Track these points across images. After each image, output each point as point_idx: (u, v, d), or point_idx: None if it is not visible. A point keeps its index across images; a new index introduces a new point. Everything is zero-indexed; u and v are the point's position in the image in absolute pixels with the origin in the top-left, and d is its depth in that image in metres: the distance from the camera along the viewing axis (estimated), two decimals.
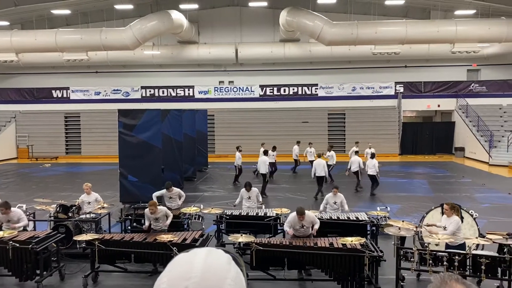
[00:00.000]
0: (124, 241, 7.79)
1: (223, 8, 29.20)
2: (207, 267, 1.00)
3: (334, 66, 28.61)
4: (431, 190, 16.26)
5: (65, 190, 16.25)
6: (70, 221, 9.25)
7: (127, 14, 27.00)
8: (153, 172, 13.35)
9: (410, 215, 11.72)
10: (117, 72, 29.81)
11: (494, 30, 21.74)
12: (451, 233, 7.09)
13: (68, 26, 27.90)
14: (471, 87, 27.50)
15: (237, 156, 17.67)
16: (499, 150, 23.33)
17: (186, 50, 28.54)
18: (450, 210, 7.26)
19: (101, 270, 7.86)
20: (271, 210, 9.79)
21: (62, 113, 28.89)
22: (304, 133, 26.38)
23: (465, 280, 1.24)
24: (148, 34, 23.25)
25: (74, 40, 23.73)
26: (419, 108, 28.23)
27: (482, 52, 26.26)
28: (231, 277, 1.01)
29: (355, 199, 14.19)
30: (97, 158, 26.78)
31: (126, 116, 13.57)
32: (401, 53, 23.78)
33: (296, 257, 7.32)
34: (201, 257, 1.03)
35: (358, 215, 9.49)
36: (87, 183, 10.37)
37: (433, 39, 22.85)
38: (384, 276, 7.54)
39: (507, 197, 14.83)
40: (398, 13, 26.97)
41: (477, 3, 22.51)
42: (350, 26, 22.28)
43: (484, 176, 19.64)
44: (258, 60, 28.72)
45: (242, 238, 7.53)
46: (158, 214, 8.41)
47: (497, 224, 10.76)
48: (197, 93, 28.80)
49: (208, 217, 10.26)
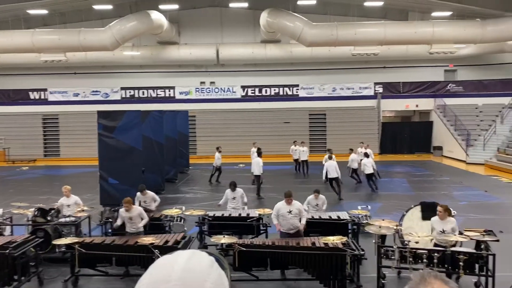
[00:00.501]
0: (105, 244, 7.69)
1: (204, 9, 29.10)
2: (187, 270, 1.00)
3: (314, 67, 28.82)
4: (411, 189, 16.53)
5: (43, 193, 15.95)
6: (49, 225, 9.08)
7: (106, 14, 26.65)
8: (134, 174, 13.22)
9: (391, 213, 11.89)
10: (96, 73, 29.40)
11: (469, 31, 22.23)
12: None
13: (45, 27, 27.38)
14: (448, 87, 28.06)
15: (216, 156, 17.84)
16: (476, 149, 23.85)
17: (166, 50, 28.35)
18: (445, 212, 7.26)
19: (81, 274, 7.75)
20: (253, 211, 9.80)
21: (39, 115, 28.35)
22: (285, 133, 26.53)
23: (444, 276, 1.27)
24: (127, 35, 23.00)
25: (52, 40, 23.30)
26: (398, 108, 28.67)
27: (458, 53, 26.83)
28: (211, 280, 1.00)
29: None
30: (76, 161, 26.36)
31: (106, 118, 13.41)
32: (380, 54, 24.10)
33: (279, 257, 7.35)
34: (183, 260, 1.03)
35: (339, 214, 9.59)
36: (66, 185, 10.20)
37: (411, 40, 23.24)
38: (366, 274, 7.63)
39: (484, 195, 15.18)
40: (376, 15, 27.32)
41: (452, 5, 22.95)
42: (330, 28, 22.47)
43: (462, 174, 20.06)
44: (239, 61, 28.72)
45: (225, 239, 7.52)
46: (132, 213, 8.26)
47: (475, 221, 11.01)
48: (178, 94, 28.63)
49: (190, 218, 10.20)
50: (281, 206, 8.10)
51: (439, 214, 7.32)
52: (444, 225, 7.25)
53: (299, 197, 10.42)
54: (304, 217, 8.15)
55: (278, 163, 22.33)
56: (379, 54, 23.93)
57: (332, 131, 27.41)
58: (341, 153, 18.55)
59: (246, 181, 16.80)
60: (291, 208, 7.96)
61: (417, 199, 10.93)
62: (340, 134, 26.75)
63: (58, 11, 26.28)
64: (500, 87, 26.92)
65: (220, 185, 17.11)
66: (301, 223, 8.10)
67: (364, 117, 27.65)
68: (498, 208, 13.32)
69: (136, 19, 22.79)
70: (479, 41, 23.08)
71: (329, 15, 24.94)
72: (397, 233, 7.84)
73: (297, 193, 9.03)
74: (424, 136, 28.55)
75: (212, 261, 1.06)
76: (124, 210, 8.24)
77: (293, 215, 8.00)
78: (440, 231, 7.22)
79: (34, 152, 27.89)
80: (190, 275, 1.00)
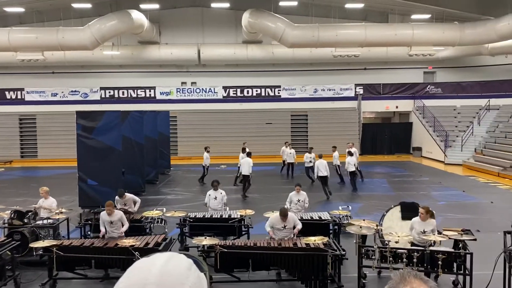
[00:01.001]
0: (84, 247, 7.56)
1: (185, 9, 28.94)
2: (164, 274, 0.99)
3: (296, 68, 28.96)
4: (391, 189, 16.74)
5: (20, 195, 15.60)
6: (26, 228, 8.89)
7: (85, 13, 26.24)
8: (114, 175, 13.09)
9: (371, 213, 12.01)
10: (75, 73, 28.94)
11: (448, 34, 22.64)
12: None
13: (22, 25, 26.84)
14: (427, 89, 28.53)
15: (205, 156, 17.80)
16: (454, 150, 24.30)
17: (147, 50, 28.09)
18: (426, 214, 7.37)
19: (59, 277, 7.61)
20: (235, 212, 9.77)
21: (16, 115, 27.74)
22: (267, 134, 26.59)
23: (423, 275, 1.28)
24: (107, 34, 22.69)
25: (29, 39, 22.81)
26: (378, 109, 29.03)
27: (437, 55, 27.31)
28: (190, 283, 0.99)
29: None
30: (54, 162, 25.87)
31: (85, 118, 13.24)
32: (360, 55, 24.37)
33: (261, 258, 7.35)
34: (160, 263, 1.02)
35: (321, 214, 9.64)
36: (44, 187, 10.00)
37: (391, 42, 23.54)
38: (347, 274, 7.69)
39: (462, 195, 15.47)
40: (357, 17, 27.62)
41: (432, 8, 23.38)
42: (311, 29, 22.61)
43: (440, 174, 20.41)
44: (221, 61, 28.65)
45: (206, 240, 7.47)
46: (114, 217, 8.16)
47: (453, 220, 11.20)
48: (159, 94, 28.39)
49: (171, 220, 10.11)
50: (275, 221, 8.03)
51: (421, 215, 7.43)
52: (425, 226, 7.37)
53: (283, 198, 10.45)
54: (299, 225, 8.11)
55: (261, 163, 22.32)
56: (360, 55, 24.19)
57: (314, 132, 27.57)
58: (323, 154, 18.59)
59: (229, 182, 16.80)
60: (286, 223, 7.95)
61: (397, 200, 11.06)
62: (322, 135, 26.93)
63: (36, 9, 25.78)
64: (478, 89, 27.49)
65: (204, 186, 16.98)
66: (296, 228, 8.06)
67: (345, 118, 27.90)
68: (475, 208, 13.59)
69: (117, 18, 22.52)
70: (458, 44, 23.53)
71: (311, 16, 25.08)
72: (378, 233, 7.92)
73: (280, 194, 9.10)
74: (403, 137, 28.97)
75: (191, 264, 1.05)
76: (106, 213, 8.12)
77: (287, 229, 8.00)
78: (421, 231, 7.33)
79: (11, 153, 27.26)
80: (168, 278, 0.98)
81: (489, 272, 6.69)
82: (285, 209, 8.06)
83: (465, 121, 26.25)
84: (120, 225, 8.27)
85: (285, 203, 9.94)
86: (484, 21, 22.52)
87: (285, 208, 8.07)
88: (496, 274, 6.69)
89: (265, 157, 23.67)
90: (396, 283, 1.24)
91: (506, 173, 19.25)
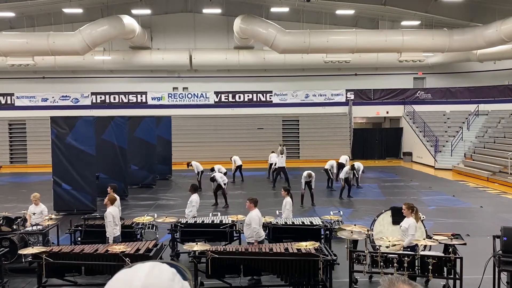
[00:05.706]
0: (74, 253, 7.48)
1: (177, 14, 28.96)
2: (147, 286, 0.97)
3: (287, 73, 29.07)
4: (382, 194, 16.81)
5: (9, 201, 15.44)
6: (15, 234, 8.79)
7: (76, 18, 26.11)
8: (87, 180, 13.47)
9: (362, 218, 12.05)
10: (66, 78, 28.77)
11: (437, 40, 22.89)
12: (412, 237, 7.31)
13: (12, 30, 26.65)
14: (417, 95, 28.78)
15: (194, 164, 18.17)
16: (444, 155, 24.50)
17: (138, 55, 28.02)
18: (407, 210, 7.53)
19: (49, 284, 7.52)
20: (226, 217, 9.75)
21: (6, 121, 27.48)
22: (259, 139, 26.61)
23: (412, 281, 1.30)
24: (98, 39, 22.62)
25: (19, 44, 22.67)
26: (369, 114, 29.21)
27: (427, 61, 27.61)
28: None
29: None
30: (44, 168, 25.59)
31: (59, 124, 13.52)
32: (351, 61, 24.53)
33: (252, 264, 7.33)
34: (142, 274, 1.00)
35: (312, 219, 9.65)
36: (36, 193, 9.92)
37: (381, 48, 23.75)
38: (338, 279, 7.70)
39: (452, 199, 15.58)
40: (348, 23, 27.84)
41: (421, 14, 23.62)
42: (302, 35, 22.73)
43: (431, 179, 20.54)
44: (213, 67, 28.67)
45: (198, 246, 7.44)
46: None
47: (443, 225, 11.28)
48: (150, 100, 28.30)
49: (162, 226, 10.07)
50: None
51: (403, 211, 7.63)
52: (405, 222, 7.55)
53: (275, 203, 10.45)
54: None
55: (252, 169, 22.32)
56: (350, 61, 24.36)
57: (305, 137, 27.66)
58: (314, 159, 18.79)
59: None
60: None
61: (388, 204, 11.14)
62: (313, 140, 27.04)
63: (26, 14, 25.62)
64: (467, 94, 27.80)
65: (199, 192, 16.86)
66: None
67: (336, 123, 28.03)
68: (465, 212, 13.69)
69: (108, 24, 22.46)
70: (447, 50, 23.79)
71: (302, 22, 25.23)
72: (369, 238, 7.95)
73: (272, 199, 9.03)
74: (394, 142, 29.16)
75: (174, 274, 1.03)
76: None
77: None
78: (405, 227, 7.48)
79: (0, 158, 26.98)
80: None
81: (479, 276, 6.75)
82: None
83: (454, 126, 26.50)
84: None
85: (277, 209, 9.98)
86: (472, 27, 22.82)
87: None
88: (486, 278, 6.75)
89: (256, 163, 23.67)
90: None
91: (495, 178, 19.44)
